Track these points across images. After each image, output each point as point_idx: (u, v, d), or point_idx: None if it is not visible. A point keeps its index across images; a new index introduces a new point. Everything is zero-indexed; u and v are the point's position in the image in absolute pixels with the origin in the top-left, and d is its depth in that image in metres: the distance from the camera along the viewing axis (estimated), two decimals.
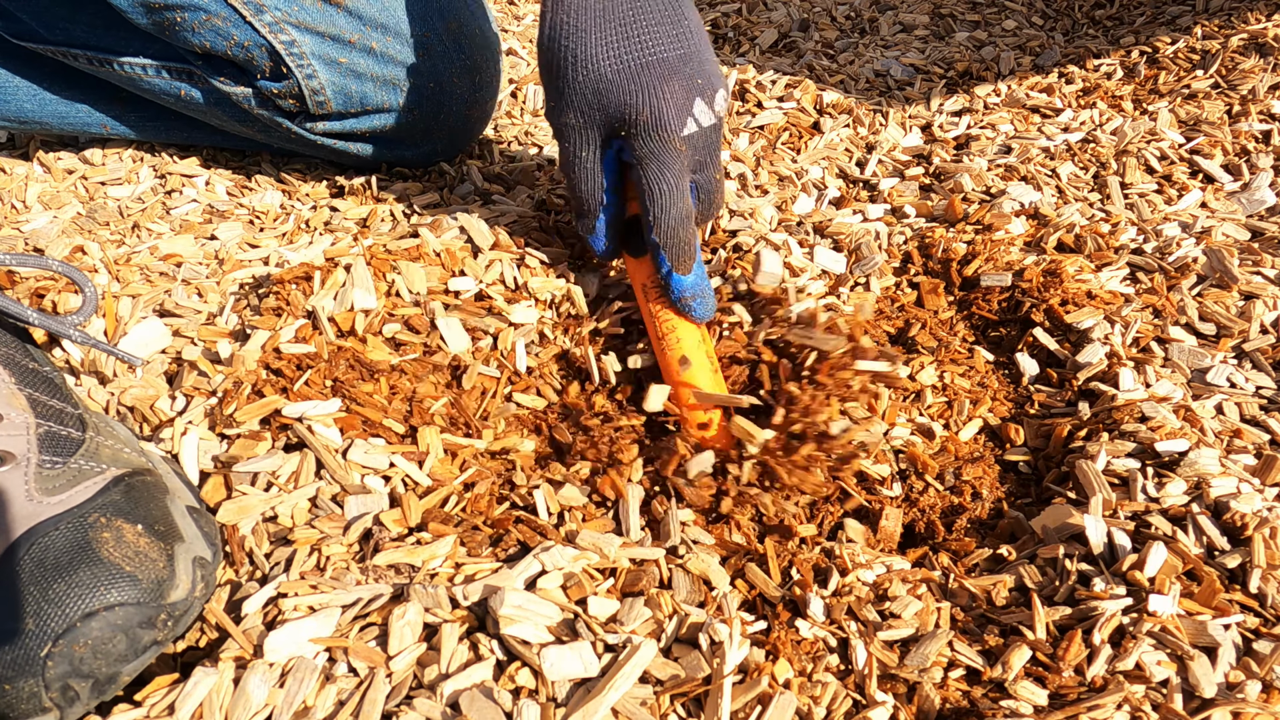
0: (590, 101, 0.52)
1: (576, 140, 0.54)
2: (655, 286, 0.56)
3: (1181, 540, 0.43)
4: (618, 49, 0.51)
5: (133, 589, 0.36)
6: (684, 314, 0.55)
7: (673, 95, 0.51)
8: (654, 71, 0.51)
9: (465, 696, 0.36)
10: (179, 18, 0.62)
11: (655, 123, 0.51)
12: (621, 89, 0.51)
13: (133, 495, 0.40)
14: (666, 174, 0.52)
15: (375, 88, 0.68)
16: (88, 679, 0.35)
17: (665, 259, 0.54)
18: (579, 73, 0.52)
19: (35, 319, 0.46)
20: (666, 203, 0.52)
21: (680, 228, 0.53)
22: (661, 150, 0.52)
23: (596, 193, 0.55)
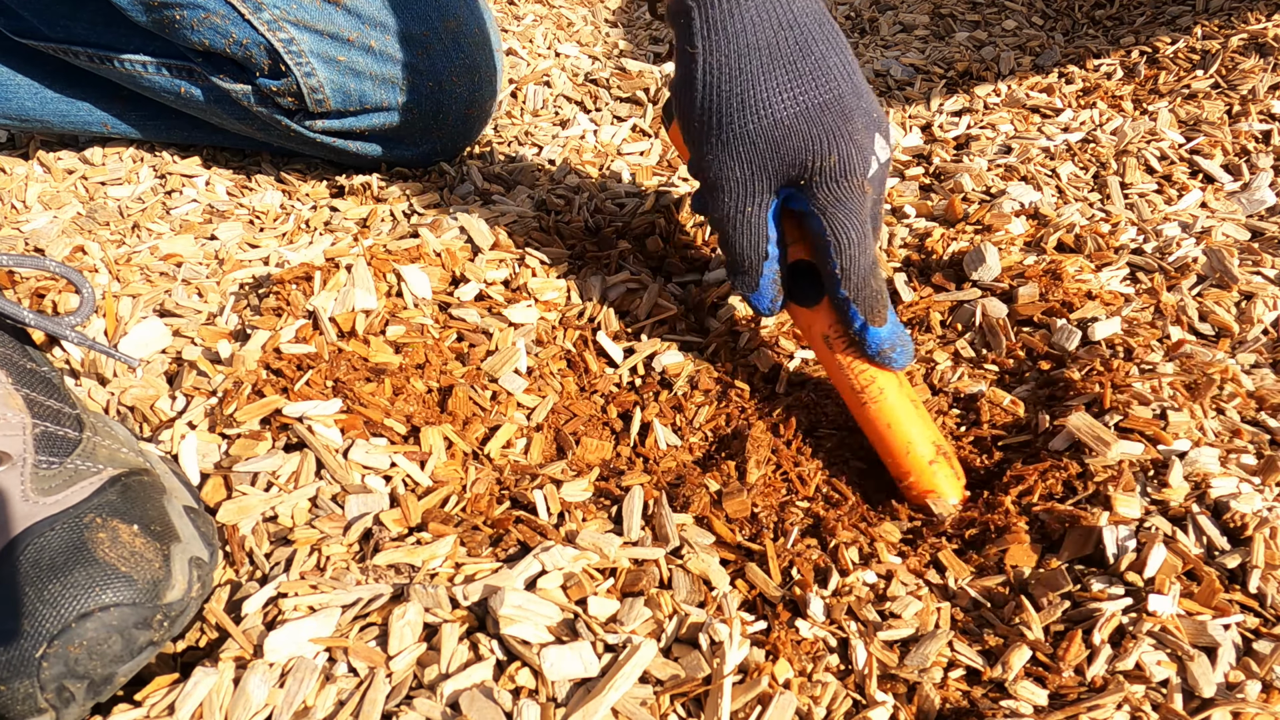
0: (762, 151, 0.47)
1: (741, 193, 0.49)
2: (841, 339, 0.51)
3: (1181, 540, 0.43)
4: (792, 90, 0.47)
5: (128, 589, 0.36)
6: (885, 366, 0.51)
7: (856, 135, 0.47)
8: (834, 111, 0.47)
9: (465, 696, 0.36)
10: (178, 15, 0.62)
11: (844, 168, 0.47)
12: (802, 134, 0.47)
13: (129, 495, 0.40)
14: (854, 221, 0.48)
15: (374, 86, 0.68)
16: (83, 680, 0.35)
17: (858, 313, 0.49)
18: (748, 120, 0.47)
19: (32, 319, 0.46)
20: (856, 253, 0.48)
21: (872, 277, 0.49)
22: (849, 196, 0.47)
23: (762, 247, 0.50)
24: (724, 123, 0.47)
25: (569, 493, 0.49)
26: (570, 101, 0.93)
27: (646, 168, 0.76)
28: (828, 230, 0.48)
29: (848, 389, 0.52)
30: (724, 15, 0.46)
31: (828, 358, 0.52)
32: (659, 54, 1.08)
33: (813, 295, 0.52)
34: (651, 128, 0.84)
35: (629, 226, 0.69)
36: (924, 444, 0.50)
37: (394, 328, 0.55)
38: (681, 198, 0.71)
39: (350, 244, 0.65)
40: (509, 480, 0.50)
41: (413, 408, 0.52)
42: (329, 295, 0.55)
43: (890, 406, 0.50)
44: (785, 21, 0.46)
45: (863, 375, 0.51)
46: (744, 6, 0.46)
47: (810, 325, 0.53)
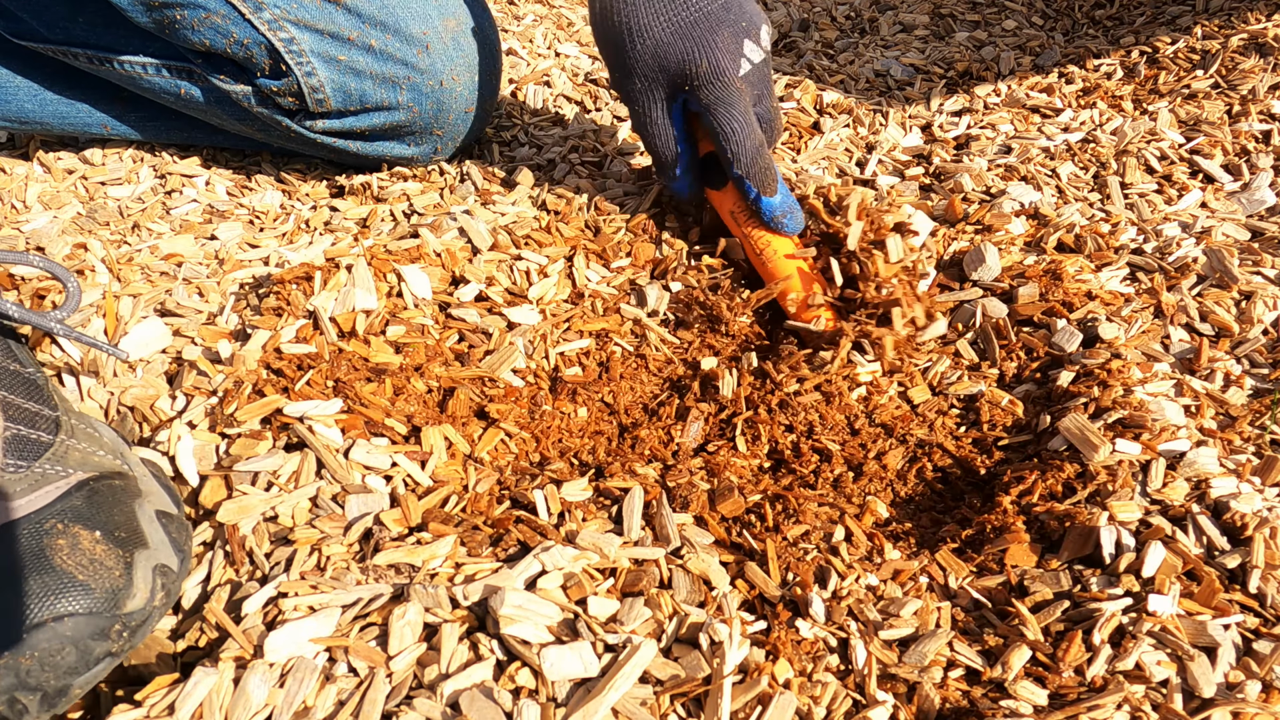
0: (651, 65, 0.58)
1: (645, 102, 0.60)
2: (743, 212, 0.62)
3: (1181, 540, 0.43)
4: (667, 13, 0.57)
5: (85, 598, 0.35)
6: (778, 230, 0.61)
7: (724, 43, 0.57)
8: (703, 26, 0.57)
9: (465, 696, 0.36)
10: (179, 15, 0.62)
11: (715, 71, 0.57)
12: (678, 49, 0.57)
13: (95, 500, 0.39)
14: (734, 113, 0.58)
15: (375, 86, 0.68)
16: (36, 691, 0.34)
17: (751, 187, 0.59)
18: (637, 42, 0.58)
19: (15, 313, 0.45)
20: (741, 138, 0.58)
21: (759, 156, 0.59)
22: (725, 94, 0.57)
23: (671, 145, 0.62)
24: (619, 48, 0.59)
25: (569, 492, 0.49)
26: (570, 101, 0.93)
27: (647, 168, 0.76)
28: (713, 123, 0.58)
29: (752, 253, 0.63)
30: None
31: (735, 229, 0.64)
32: None
33: (720, 180, 0.64)
34: None
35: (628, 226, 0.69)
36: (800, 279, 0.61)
37: (394, 328, 0.55)
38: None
39: (350, 244, 0.65)
40: (509, 480, 0.50)
41: (413, 408, 0.52)
42: (329, 295, 0.55)
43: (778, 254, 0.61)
44: None
45: (760, 240, 0.62)
46: None
47: (721, 204, 0.65)
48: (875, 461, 0.54)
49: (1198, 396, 0.53)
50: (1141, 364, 0.55)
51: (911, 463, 0.54)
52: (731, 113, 0.58)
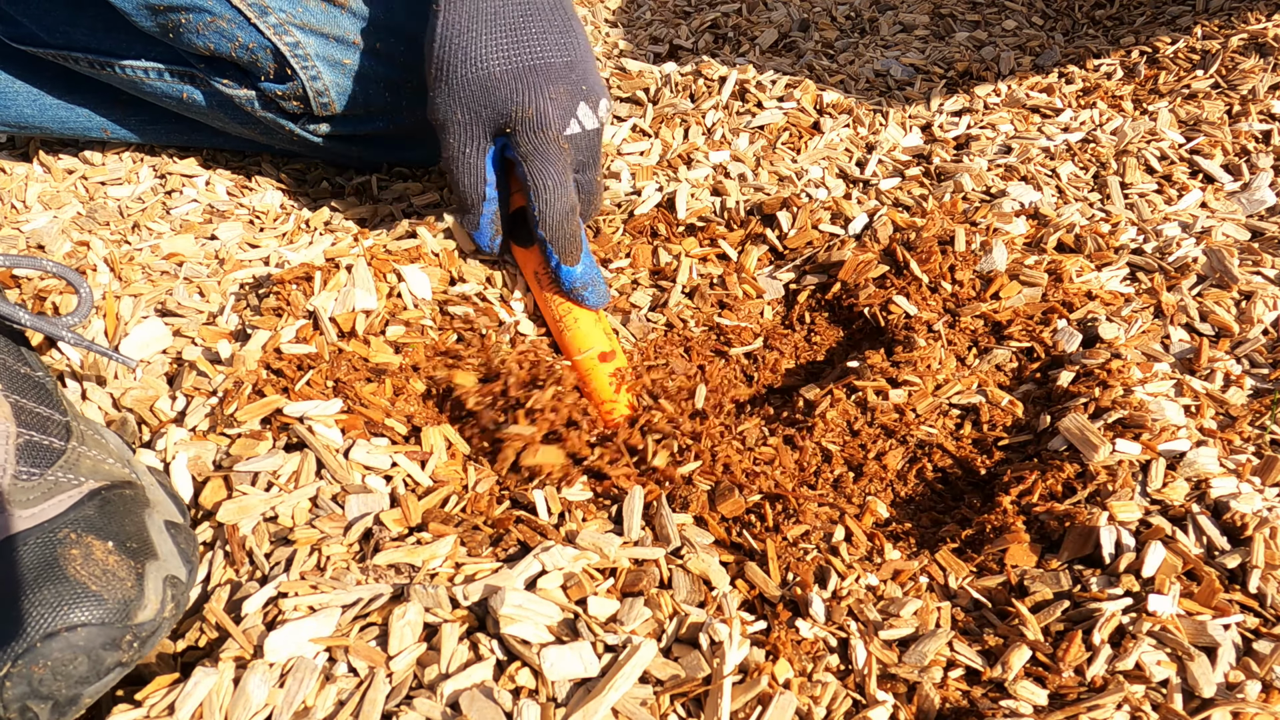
0: (477, 98, 0.54)
1: (461, 136, 0.56)
2: (546, 274, 0.59)
3: (1181, 540, 0.43)
4: (506, 51, 0.54)
5: (97, 609, 0.35)
6: (578, 302, 0.58)
7: (557, 96, 0.54)
8: (540, 74, 0.54)
9: (465, 696, 0.36)
10: (183, 20, 0.61)
11: (540, 120, 0.54)
12: (508, 87, 0.54)
13: (107, 510, 0.39)
14: (550, 169, 0.54)
15: (379, 89, 0.68)
16: (47, 700, 0.34)
17: (553, 252, 0.56)
18: (468, 70, 0.54)
19: (28, 320, 0.46)
20: (551, 197, 0.54)
21: (565, 221, 0.55)
22: (545, 146, 0.54)
23: (480, 187, 0.57)
24: (450, 71, 0.55)
25: (569, 492, 0.49)
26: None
27: (647, 168, 0.76)
28: (526, 175, 0.54)
29: (550, 320, 0.59)
30: None
31: (537, 292, 0.60)
32: (659, 54, 1.08)
33: (528, 239, 0.61)
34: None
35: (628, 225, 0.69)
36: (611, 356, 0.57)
37: (394, 328, 0.55)
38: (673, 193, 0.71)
39: (350, 244, 0.65)
40: (509, 480, 0.50)
41: (413, 408, 0.52)
42: (329, 295, 0.55)
43: (583, 334, 0.58)
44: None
45: (560, 307, 0.58)
46: None
47: (525, 263, 0.61)
48: (875, 462, 0.54)
49: (1198, 396, 0.53)
50: (1141, 364, 0.55)
51: (911, 463, 0.54)
52: (547, 168, 0.54)
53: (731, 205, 0.70)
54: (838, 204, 0.70)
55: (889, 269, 0.65)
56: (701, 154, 0.77)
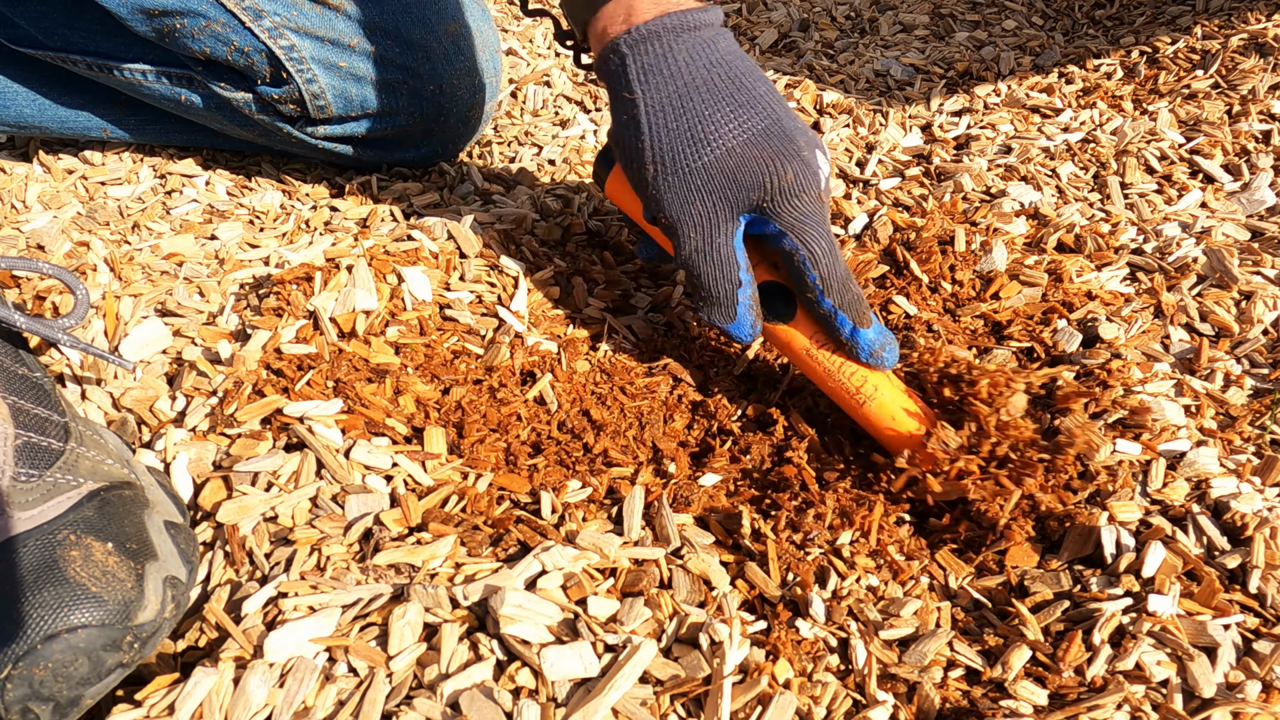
0: (721, 181, 0.48)
1: (707, 227, 0.49)
2: (825, 347, 0.52)
3: (1181, 540, 0.43)
4: (737, 119, 0.48)
5: (98, 610, 0.35)
6: (877, 366, 0.51)
7: (803, 152, 0.49)
8: (777, 134, 0.49)
9: (465, 696, 0.36)
10: (178, 24, 0.62)
11: (801, 184, 0.48)
12: (755, 158, 0.48)
13: (107, 511, 0.39)
14: (822, 231, 0.49)
15: (375, 91, 0.68)
16: (48, 702, 0.34)
17: (845, 319, 0.50)
18: (703, 153, 0.48)
19: (23, 323, 0.45)
20: (832, 260, 0.49)
21: (850, 282, 0.50)
22: (812, 208, 0.49)
23: (735, 276, 0.50)
24: (678, 159, 0.48)
25: (569, 493, 0.49)
26: (570, 101, 0.93)
27: None
28: (799, 246, 0.48)
29: (843, 393, 0.52)
30: (659, 58, 0.48)
31: (815, 367, 0.53)
32: None
33: (784, 312, 0.53)
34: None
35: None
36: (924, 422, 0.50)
37: (394, 328, 0.55)
38: None
39: (350, 244, 0.65)
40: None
41: (414, 408, 0.52)
42: (329, 296, 0.55)
43: (888, 400, 0.51)
44: (714, 60, 0.49)
45: (854, 377, 0.51)
46: (676, 49, 0.48)
47: (790, 341, 0.53)
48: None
49: (1198, 396, 0.53)
50: (1141, 364, 0.55)
51: None
52: (820, 231, 0.48)
53: None
54: (838, 204, 0.70)
55: (889, 269, 0.65)
56: None
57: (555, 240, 0.68)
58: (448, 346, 0.56)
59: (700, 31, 0.49)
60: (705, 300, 0.51)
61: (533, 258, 0.64)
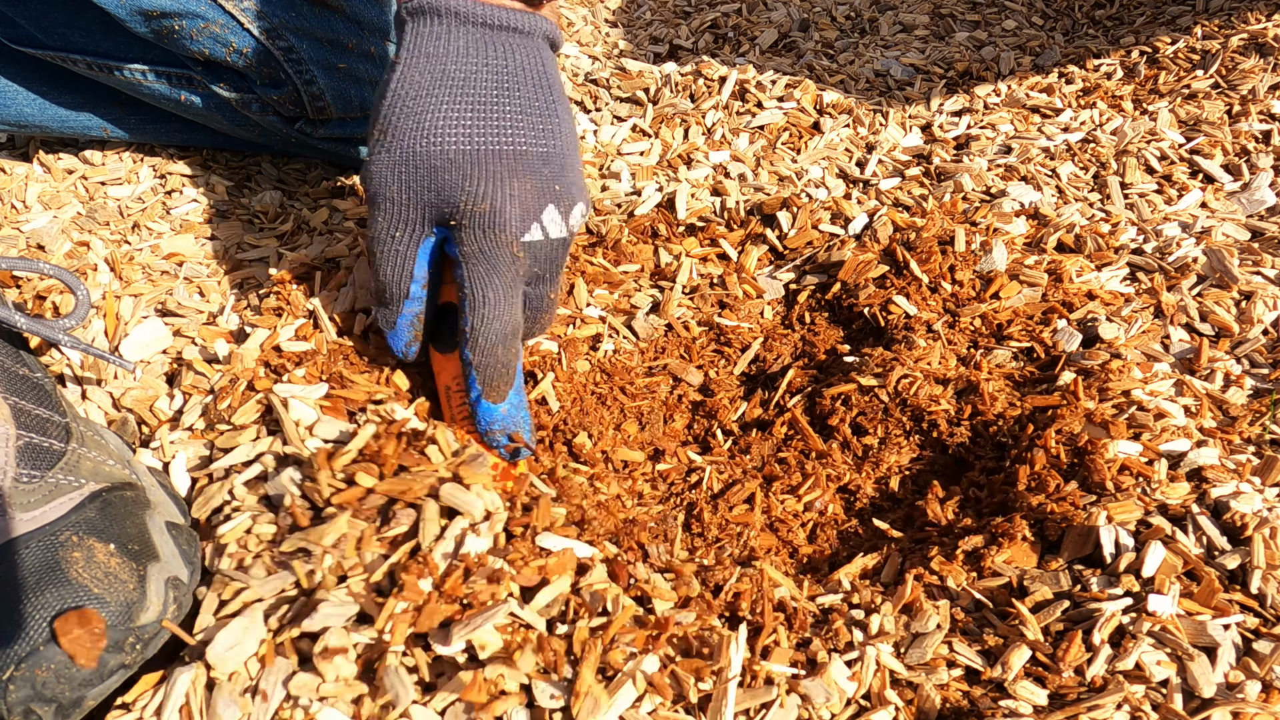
0: (422, 177, 0.45)
1: (393, 216, 0.46)
2: (459, 393, 0.48)
3: (1181, 540, 0.43)
4: (469, 127, 0.45)
5: (100, 611, 0.35)
6: (488, 446, 0.47)
7: (520, 192, 0.45)
8: (506, 162, 0.45)
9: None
10: (176, 25, 0.61)
11: (493, 219, 0.45)
12: (462, 171, 0.45)
13: (108, 512, 0.39)
14: (495, 280, 0.45)
15: (374, 92, 0.68)
16: (51, 703, 0.34)
17: (475, 381, 0.46)
18: (417, 141, 0.45)
19: (23, 324, 0.45)
20: (489, 313, 0.45)
21: (501, 346, 0.46)
22: (494, 251, 0.45)
23: (404, 283, 0.47)
24: (394, 138, 0.46)
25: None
26: (570, 101, 0.93)
27: (647, 168, 0.76)
28: (466, 281, 0.45)
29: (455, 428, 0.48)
30: (433, 38, 0.45)
31: (445, 409, 0.49)
32: (659, 54, 1.08)
33: (452, 343, 0.50)
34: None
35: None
36: None
37: None
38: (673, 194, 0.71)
39: (350, 244, 0.65)
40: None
41: (406, 383, 0.52)
42: (330, 295, 0.55)
43: None
44: (494, 66, 0.46)
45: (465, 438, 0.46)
46: (453, 36, 0.45)
47: (440, 371, 0.50)
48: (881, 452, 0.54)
49: (1198, 396, 0.53)
50: (1141, 364, 0.55)
51: (914, 461, 0.54)
52: (491, 278, 0.44)
53: (731, 205, 0.70)
54: (838, 204, 0.70)
55: (889, 269, 0.65)
56: (701, 154, 0.77)
57: None
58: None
59: (502, 33, 0.46)
60: (377, 293, 0.48)
61: None
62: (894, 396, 0.56)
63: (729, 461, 0.54)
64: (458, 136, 0.45)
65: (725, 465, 0.54)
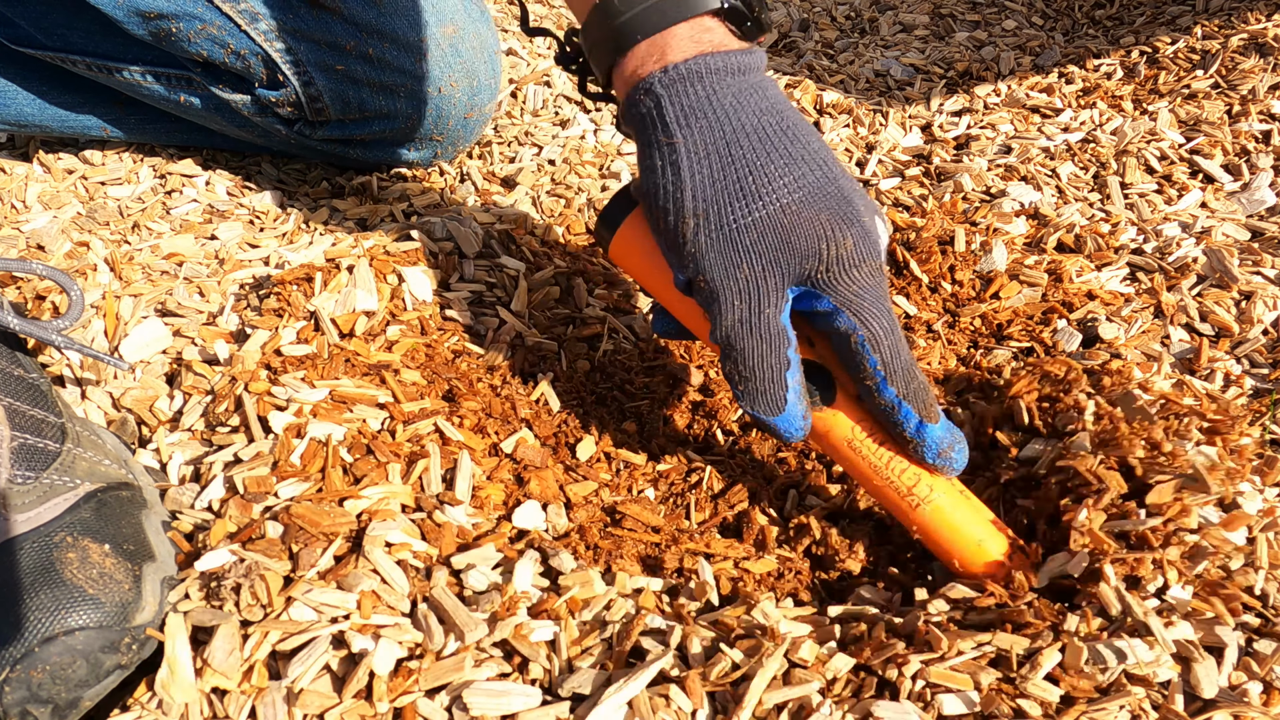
0: (772, 242, 0.41)
1: (753, 297, 0.41)
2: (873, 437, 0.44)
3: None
4: (792, 174, 0.41)
5: (95, 612, 0.35)
6: (940, 470, 0.43)
7: (863, 217, 0.41)
8: (835, 195, 0.41)
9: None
10: (174, 27, 0.61)
11: (861, 253, 0.41)
12: (811, 220, 0.41)
13: (104, 512, 0.39)
14: (885, 308, 0.41)
15: (373, 94, 0.68)
16: (47, 704, 0.34)
17: (911, 412, 0.42)
18: (754, 208, 0.41)
19: (16, 325, 0.45)
20: (895, 343, 0.41)
21: (915, 369, 0.42)
22: (873, 283, 0.41)
23: (783, 355, 0.42)
24: (724, 214, 0.41)
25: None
26: (570, 101, 0.93)
27: None
28: (859, 326, 0.41)
29: (891, 493, 0.44)
30: (701, 100, 0.42)
31: (859, 462, 0.45)
32: None
33: (822, 396, 0.45)
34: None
35: None
36: (992, 537, 0.43)
37: (394, 328, 0.55)
38: None
39: (351, 244, 0.65)
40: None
41: (415, 379, 0.52)
42: (330, 296, 0.55)
43: (948, 504, 0.43)
44: (764, 106, 0.43)
45: (905, 475, 0.43)
46: (720, 91, 0.42)
47: (829, 430, 0.45)
48: None
49: (1198, 396, 0.53)
50: (1141, 364, 0.55)
51: None
52: (881, 309, 0.41)
53: None
54: None
55: (889, 269, 0.64)
56: None
57: (555, 240, 0.68)
58: (448, 346, 0.56)
59: (747, 76, 0.43)
60: (747, 385, 0.43)
61: (533, 258, 0.64)
62: None
63: (729, 461, 0.54)
64: (788, 189, 0.41)
65: (725, 465, 0.54)
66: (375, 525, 0.41)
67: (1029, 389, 0.52)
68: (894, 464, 0.44)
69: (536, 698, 0.36)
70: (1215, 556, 0.40)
